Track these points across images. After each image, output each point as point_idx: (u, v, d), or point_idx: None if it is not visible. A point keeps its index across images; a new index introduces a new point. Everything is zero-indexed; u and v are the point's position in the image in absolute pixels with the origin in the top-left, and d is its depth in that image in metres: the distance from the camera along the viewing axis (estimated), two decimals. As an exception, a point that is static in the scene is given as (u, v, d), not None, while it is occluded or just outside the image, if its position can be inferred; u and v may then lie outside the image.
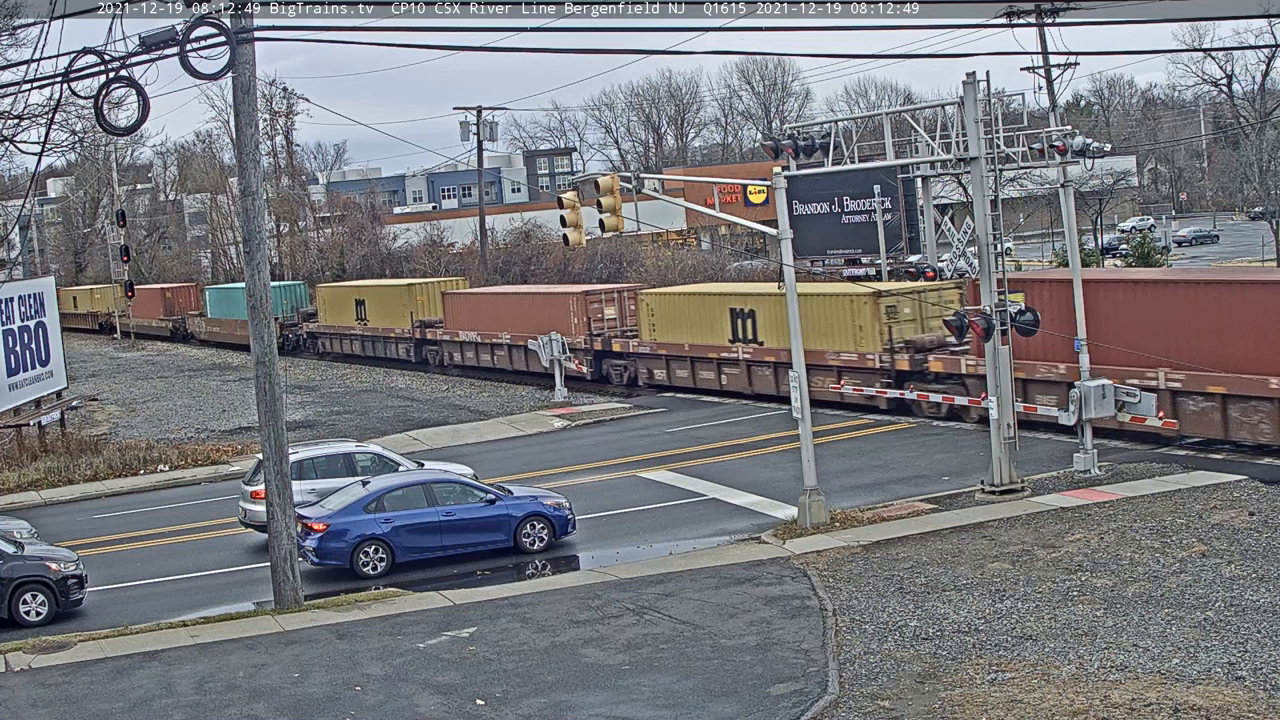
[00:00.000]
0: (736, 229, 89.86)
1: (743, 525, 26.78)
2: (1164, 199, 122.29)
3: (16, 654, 20.99)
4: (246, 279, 23.15)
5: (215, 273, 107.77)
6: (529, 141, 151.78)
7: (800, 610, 20.24)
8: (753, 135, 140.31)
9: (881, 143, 30.22)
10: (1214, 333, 28.91)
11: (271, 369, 22.83)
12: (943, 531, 24.31)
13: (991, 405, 26.90)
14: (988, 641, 18.12)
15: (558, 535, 26.45)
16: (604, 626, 20.25)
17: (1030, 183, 64.01)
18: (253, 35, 21.67)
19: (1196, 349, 29.11)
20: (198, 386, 60.47)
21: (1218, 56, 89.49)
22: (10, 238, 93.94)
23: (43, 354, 42.49)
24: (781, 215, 26.37)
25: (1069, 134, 28.05)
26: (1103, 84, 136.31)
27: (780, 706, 16.43)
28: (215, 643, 20.91)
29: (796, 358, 26.37)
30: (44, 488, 37.03)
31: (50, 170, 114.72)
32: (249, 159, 22.64)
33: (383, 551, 25.45)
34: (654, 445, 36.34)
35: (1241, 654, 16.82)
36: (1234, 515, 23.49)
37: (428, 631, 20.67)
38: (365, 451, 29.79)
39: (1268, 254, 70.11)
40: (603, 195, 27.15)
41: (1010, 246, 62.97)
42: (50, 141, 34.05)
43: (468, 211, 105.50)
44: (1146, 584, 20.11)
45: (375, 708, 17.50)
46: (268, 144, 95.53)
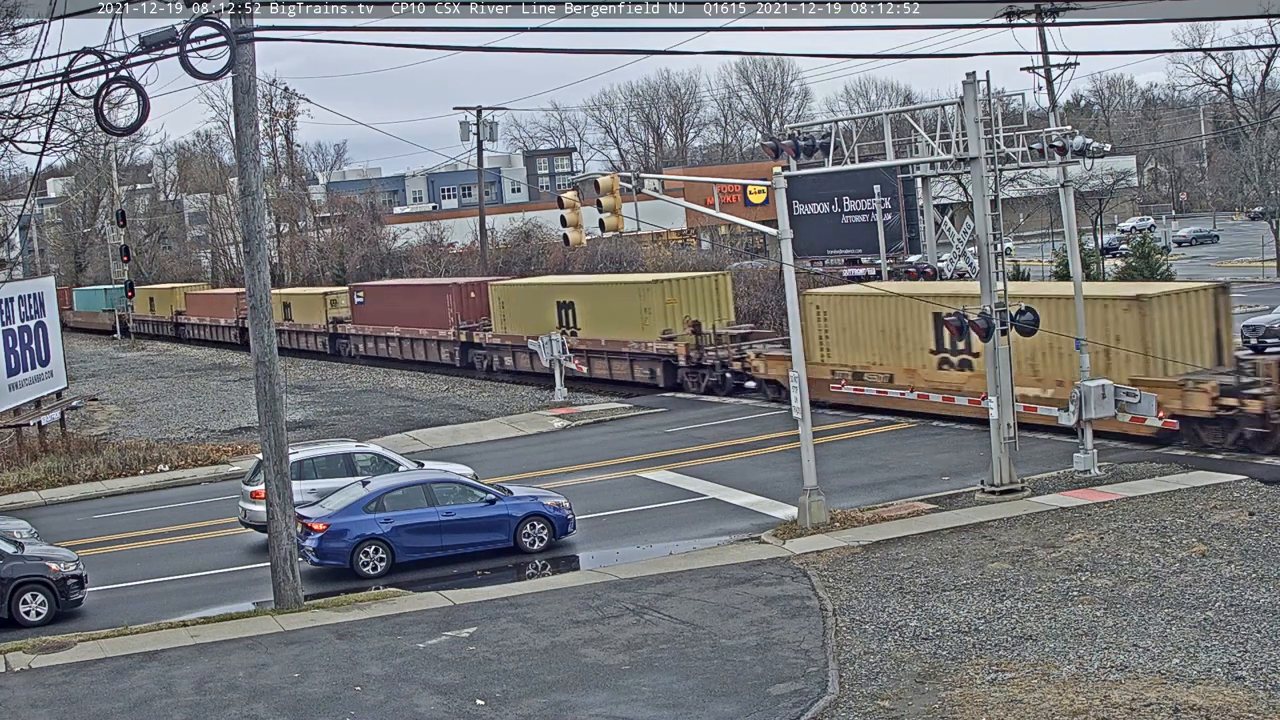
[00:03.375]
0: (736, 229, 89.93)
1: (743, 525, 26.77)
2: (1164, 199, 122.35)
3: (16, 654, 20.98)
4: (246, 279, 23.15)
5: (215, 272, 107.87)
6: (529, 141, 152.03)
7: (800, 610, 20.24)
8: (753, 135, 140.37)
9: (881, 143, 30.23)
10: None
11: (271, 369, 22.83)
12: (943, 531, 24.31)
13: (991, 405, 26.91)
14: (988, 641, 18.12)
15: (558, 535, 26.45)
16: (604, 626, 20.25)
17: (1030, 183, 64.04)
18: (252, 35, 21.67)
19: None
20: (198, 386, 60.48)
21: (1218, 56, 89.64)
22: (10, 238, 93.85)
23: (43, 354, 42.48)
24: (781, 215, 26.37)
25: (1069, 134, 28.08)
26: (1103, 84, 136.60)
27: (780, 706, 16.43)
28: (215, 643, 20.91)
29: (796, 357, 26.36)
30: (44, 488, 37.02)
31: (50, 170, 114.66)
32: (249, 159, 22.63)
33: (383, 551, 25.44)
34: (654, 445, 36.33)
35: (1241, 654, 16.82)
36: (1234, 515, 23.49)
37: (428, 631, 20.67)
38: (365, 451, 29.79)
39: (1267, 254, 70.15)
40: (603, 195, 27.16)
41: (1010, 246, 63.01)
42: (50, 141, 34.04)
43: (468, 211, 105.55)
44: (1146, 584, 20.11)
45: (375, 708, 17.50)
46: (268, 144, 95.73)
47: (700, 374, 43.66)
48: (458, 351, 55.52)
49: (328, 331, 67.82)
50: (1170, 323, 30.42)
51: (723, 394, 42.76)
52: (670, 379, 44.63)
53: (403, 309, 60.29)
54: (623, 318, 45.81)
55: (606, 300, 47.35)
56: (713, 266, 62.71)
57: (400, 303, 60.90)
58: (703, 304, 45.29)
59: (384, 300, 62.72)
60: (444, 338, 56.27)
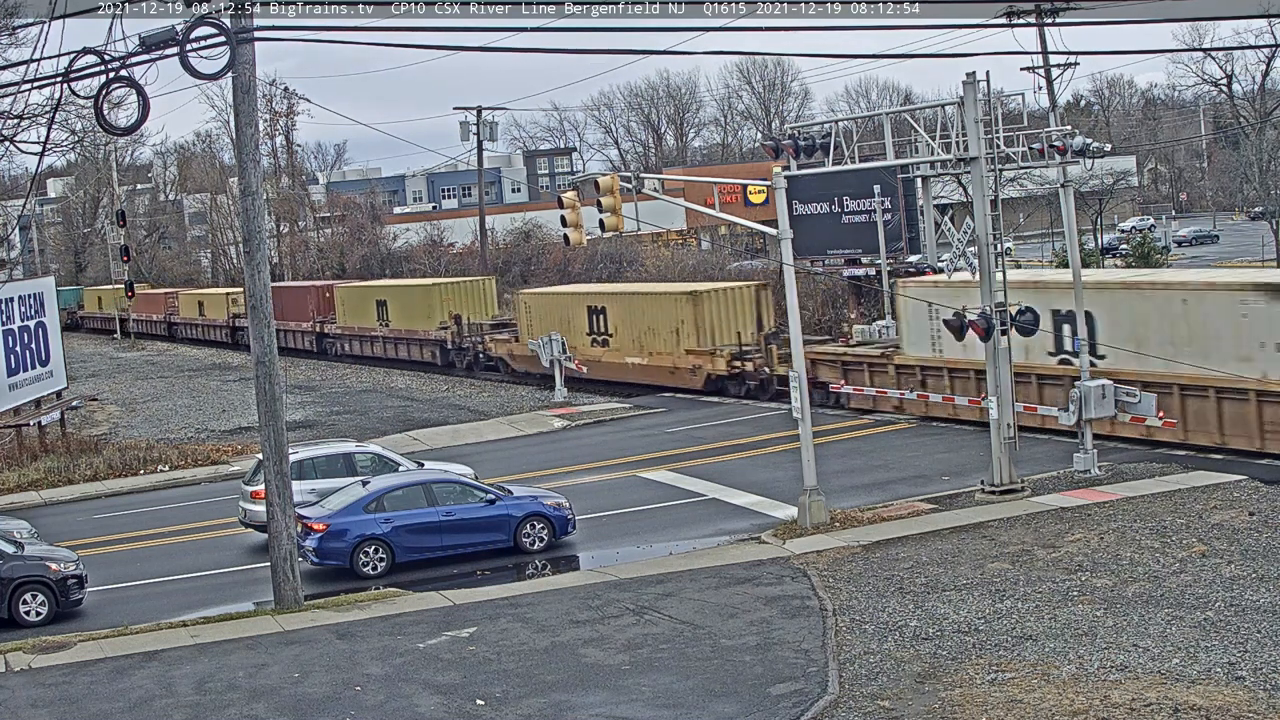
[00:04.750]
0: (736, 229, 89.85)
1: (743, 525, 26.77)
2: (1164, 199, 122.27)
3: (16, 654, 20.99)
4: (246, 279, 23.17)
5: (215, 272, 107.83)
6: (529, 141, 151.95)
7: (800, 610, 20.24)
8: (753, 135, 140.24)
9: (881, 143, 30.20)
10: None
11: (271, 369, 22.84)
12: (943, 531, 24.31)
13: (991, 405, 26.91)
14: (988, 641, 18.11)
15: (558, 535, 26.44)
16: (604, 626, 20.24)
17: (1030, 183, 64.00)
18: (252, 35, 21.66)
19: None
20: (198, 386, 60.48)
21: (1218, 56, 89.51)
22: (10, 238, 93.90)
23: (43, 354, 42.48)
24: (781, 215, 26.37)
25: (1069, 134, 28.03)
26: (1103, 84, 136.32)
27: (780, 706, 16.43)
28: (215, 643, 20.91)
29: (797, 356, 26.37)
30: (44, 488, 37.01)
31: (50, 170, 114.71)
32: (249, 159, 22.63)
33: (383, 551, 25.44)
34: (654, 445, 36.34)
35: (1241, 654, 16.82)
36: (1234, 515, 23.49)
37: (428, 631, 20.67)
38: (365, 451, 29.78)
39: (1268, 254, 70.10)
40: (603, 195, 27.16)
41: (1010, 246, 62.98)
42: (50, 141, 33.95)
43: (468, 211, 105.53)
44: (1146, 584, 20.11)
45: (375, 708, 17.50)
46: (268, 144, 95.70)
47: (463, 354, 56.65)
48: (314, 339, 69.55)
49: (230, 325, 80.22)
50: (717, 311, 43.23)
51: (479, 370, 55.34)
52: (444, 359, 57.77)
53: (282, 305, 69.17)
54: (413, 311, 60.08)
55: (404, 299, 61.46)
56: (712, 266, 63.12)
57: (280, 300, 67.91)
58: (468, 302, 58.31)
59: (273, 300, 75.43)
60: (305, 329, 70.27)
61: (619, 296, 47.65)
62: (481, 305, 58.67)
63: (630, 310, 46.32)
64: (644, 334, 45.41)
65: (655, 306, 45.12)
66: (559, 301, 50.43)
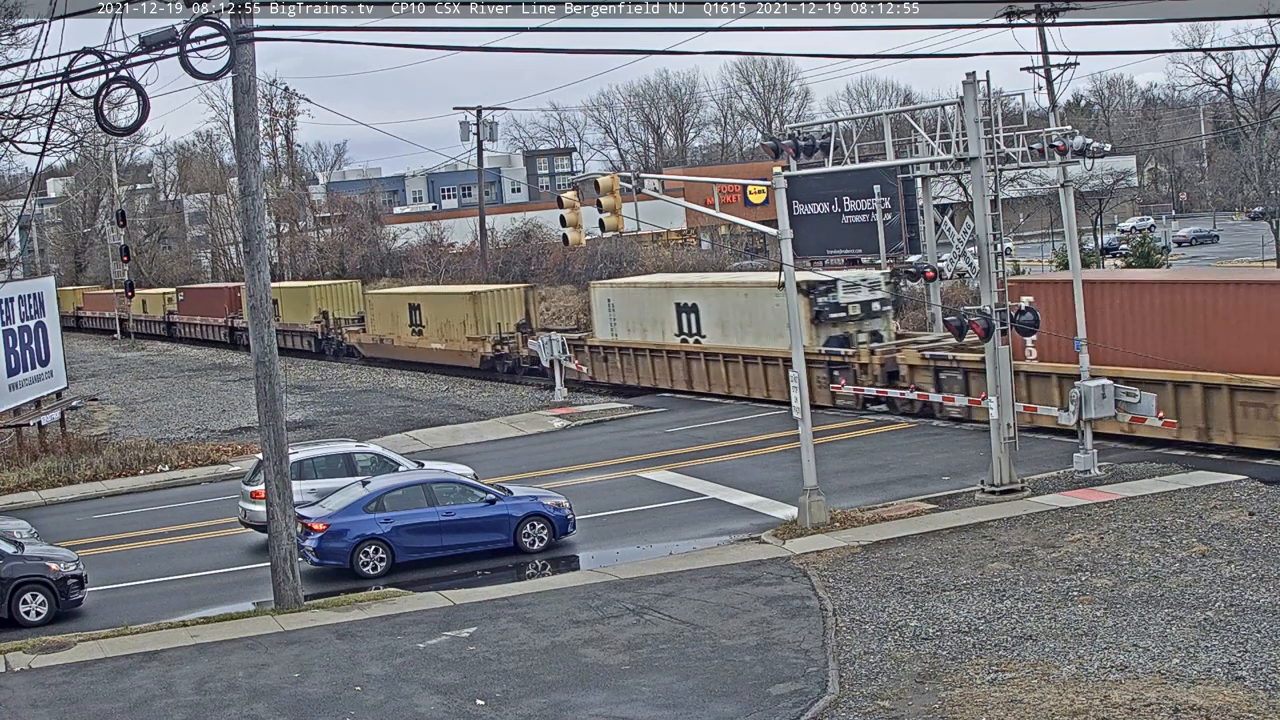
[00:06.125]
0: (736, 229, 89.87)
1: (743, 525, 26.77)
2: (1164, 199, 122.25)
3: (16, 654, 20.99)
4: (246, 279, 23.15)
5: (215, 272, 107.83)
6: (529, 141, 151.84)
7: (800, 610, 20.24)
8: (753, 135, 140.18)
9: (881, 143, 30.22)
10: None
11: (271, 369, 22.83)
12: (943, 531, 24.31)
13: (991, 405, 26.92)
14: (988, 641, 18.12)
15: (558, 535, 26.45)
16: (604, 626, 20.25)
17: (1030, 183, 63.98)
18: (252, 35, 21.66)
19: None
20: (198, 386, 60.48)
21: (1218, 56, 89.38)
22: (10, 238, 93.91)
23: (43, 354, 42.48)
24: (781, 215, 26.37)
25: (1069, 134, 28.06)
26: (1103, 84, 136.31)
27: (780, 706, 16.43)
28: (215, 643, 20.91)
29: (796, 356, 26.37)
30: (44, 488, 37.01)
31: (50, 170, 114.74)
32: (249, 159, 22.63)
33: (383, 551, 25.45)
34: (654, 445, 36.34)
35: (1241, 654, 16.82)
36: (1234, 515, 23.49)
37: (428, 631, 20.67)
38: (365, 451, 29.78)
39: (1268, 254, 70.10)
40: (603, 195, 27.16)
41: (1010, 246, 62.95)
42: (50, 141, 34.00)
43: (468, 211, 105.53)
44: (1146, 584, 20.11)
45: (375, 708, 17.50)
46: (268, 144, 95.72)
47: (330, 343, 67.69)
48: (227, 333, 78.08)
49: (165, 320, 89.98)
50: (493, 308, 54.36)
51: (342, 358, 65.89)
52: (316, 347, 68.69)
53: (204, 304, 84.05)
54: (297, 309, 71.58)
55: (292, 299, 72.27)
56: (712, 266, 63.42)
57: (202, 300, 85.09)
58: (336, 301, 70.76)
59: (194, 299, 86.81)
60: (219, 324, 79.66)
61: (428, 296, 60.21)
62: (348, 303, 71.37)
63: (436, 307, 57.82)
64: (444, 325, 56.88)
65: (451, 304, 56.77)
66: (391, 300, 63.77)
